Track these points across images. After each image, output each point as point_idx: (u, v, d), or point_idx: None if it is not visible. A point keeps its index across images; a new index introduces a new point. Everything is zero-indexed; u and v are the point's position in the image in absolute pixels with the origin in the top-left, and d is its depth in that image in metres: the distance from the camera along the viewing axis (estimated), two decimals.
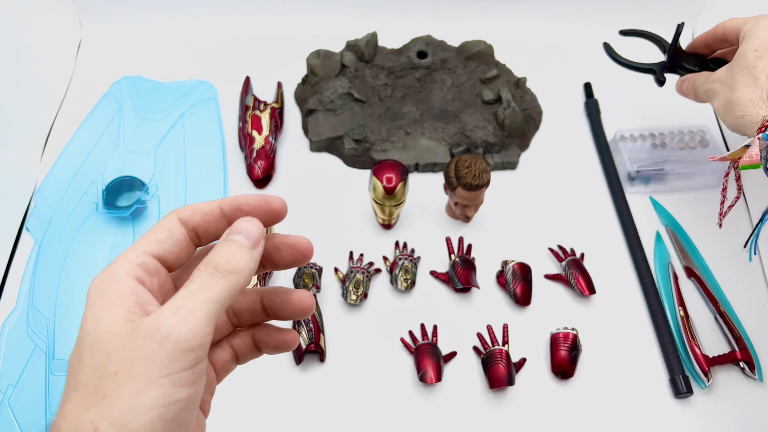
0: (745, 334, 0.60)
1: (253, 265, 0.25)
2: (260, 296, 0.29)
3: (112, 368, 0.22)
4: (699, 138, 0.72)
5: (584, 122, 0.77)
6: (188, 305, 0.23)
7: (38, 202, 0.66)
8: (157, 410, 0.22)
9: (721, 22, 0.56)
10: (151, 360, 0.22)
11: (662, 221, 0.69)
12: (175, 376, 0.22)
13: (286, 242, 0.28)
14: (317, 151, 0.73)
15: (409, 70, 0.76)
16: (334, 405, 0.56)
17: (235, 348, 0.29)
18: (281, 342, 0.29)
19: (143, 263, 0.25)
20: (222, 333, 0.29)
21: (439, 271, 0.64)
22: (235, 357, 0.30)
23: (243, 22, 0.83)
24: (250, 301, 0.29)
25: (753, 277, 0.65)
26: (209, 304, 0.23)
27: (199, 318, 0.23)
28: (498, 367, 0.56)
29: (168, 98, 0.75)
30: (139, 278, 0.24)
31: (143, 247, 0.25)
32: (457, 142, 0.71)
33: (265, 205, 0.27)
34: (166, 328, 0.22)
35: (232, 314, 0.29)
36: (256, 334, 0.29)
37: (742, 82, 0.49)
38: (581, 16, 0.84)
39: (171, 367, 0.22)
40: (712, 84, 0.54)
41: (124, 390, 0.22)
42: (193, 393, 0.23)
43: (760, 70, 0.49)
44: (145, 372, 0.22)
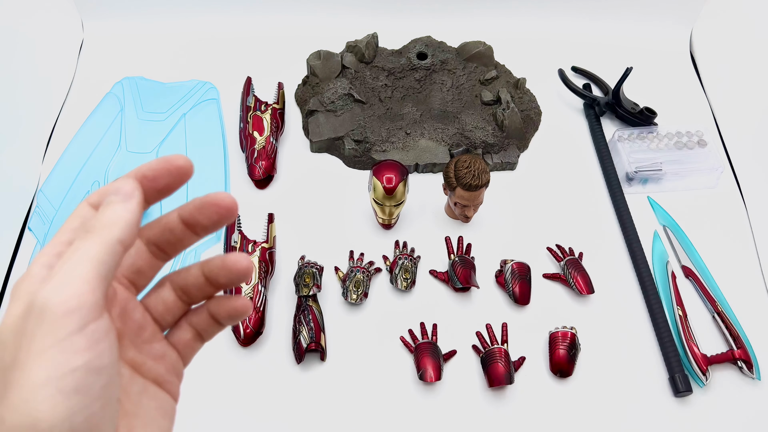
0: (742, 333, 0.60)
1: (127, 215, 0.24)
2: (201, 269, 0.28)
3: (9, 358, 0.21)
4: (697, 138, 0.73)
5: (583, 123, 0.77)
6: (62, 270, 0.22)
7: (40, 201, 0.67)
8: (53, 383, 0.20)
9: None
10: (34, 335, 0.21)
11: (660, 221, 0.69)
12: (63, 343, 0.21)
13: (206, 201, 0.26)
14: (318, 151, 0.73)
15: (408, 71, 0.76)
16: (335, 403, 0.56)
17: (194, 326, 0.29)
18: (232, 309, 0.28)
19: (59, 253, 0.24)
20: (175, 312, 0.29)
21: (438, 270, 0.64)
22: (197, 335, 0.29)
23: (244, 23, 0.84)
24: (193, 275, 0.28)
25: (750, 277, 0.65)
26: (85, 264, 0.22)
27: (75, 279, 0.21)
28: (497, 366, 0.56)
29: (170, 98, 0.75)
30: (54, 267, 0.23)
31: (60, 238, 0.25)
32: (457, 142, 0.71)
33: (168, 164, 0.26)
34: (42, 298, 0.21)
35: (181, 292, 0.29)
36: (209, 308, 0.29)
37: None
38: (581, 16, 0.85)
39: (55, 336, 0.21)
40: None
41: (18, 373, 0.21)
42: (93, 357, 0.21)
43: None
44: (31, 348, 0.21)
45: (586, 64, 0.82)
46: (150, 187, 0.25)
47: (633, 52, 0.84)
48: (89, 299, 0.22)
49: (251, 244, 0.61)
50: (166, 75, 0.78)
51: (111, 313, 0.25)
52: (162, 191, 0.26)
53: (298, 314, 0.59)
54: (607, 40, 0.85)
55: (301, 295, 0.60)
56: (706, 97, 0.80)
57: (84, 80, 0.78)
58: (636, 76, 0.74)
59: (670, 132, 0.73)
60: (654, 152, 0.72)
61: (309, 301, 0.59)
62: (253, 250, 0.61)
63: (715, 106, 0.79)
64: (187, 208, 0.26)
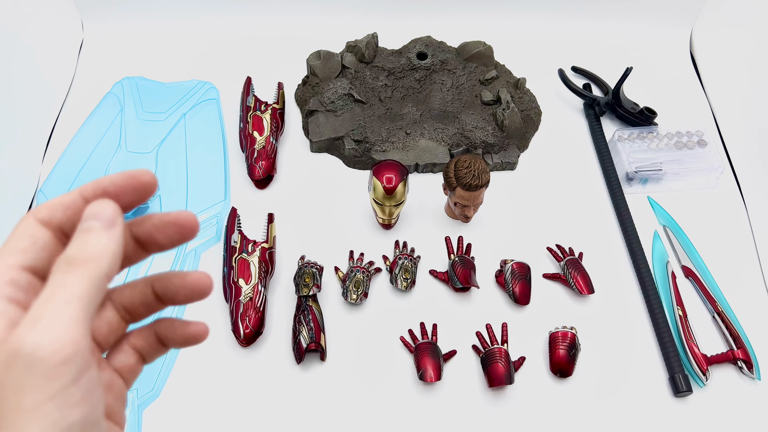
0: (743, 333, 0.60)
1: (113, 246, 0.21)
2: (150, 285, 0.25)
3: None
4: (697, 138, 0.73)
5: (583, 123, 0.77)
6: (46, 313, 0.19)
7: (40, 202, 0.67)
8: None
9: None
10: (23, 389, 0.18)
11: (660, 221, 0.69)
12: (59, 398, 0.19)
13: (167, 220, 0.24)
14: (318, 151, 0.73)
15: (408, 71, 0.76)
16: (335, 403, 0.56)
17: (138, 348, 0.26)
18: (189, 336, 0.26)
19: (12, 279, 0.21)
20: (117, 334, 0.26)
21: (438, 270, 0.64)
22: (140, 358, 0.26)
23: (244, 23, 0.83)
24: (141, 292, 0.26)
25: (750, 277, 0.65)
26: (72, 304, 0.19)
27: (64, 323, 0.19)
28: (497, 366, 0.56)
29: (169, 98, 0.75)
30: (11, 298, 0.21)
31: (7, 261, 0.22)
32: (457, 142, 0.71)
33: (133, 180, 0.23)
34: (29, 346, 0.19)
35: (124, 311, 0.26)
36: (158, 330, 0.26)
37: None
38: (581, 16, 0.85)
39: (49, 389, 0.19)
40: None
41: (8, 431, 0.18)
42: (88, 411, 0.20)
43: None
44: (20, 405, 0.18)
45: (586, 64, 0.82)
46: None
47: (633, 52, 0.84)
48: (84, 346, 0.19)
49: (251, 244, 0.61)
50: (166, 75, 0.78)
51: None
52: (123, 208, 0.23)
53: (298, 314, 0.59)
54: (607, 40, 0.85)
55: (301, 295, 0.60)
56: (706, 96, 0.80)
57: (84, 80, 0.78)
58: (636, 76, 0.74)
59: (670, 132, 0.73)
60: (654, 152, 0.72)
61: (309, 301, 0.59)
62: (253, 250, 0.61)
63: (715, 106, 0.79)
64: (144, 226, 0.24)
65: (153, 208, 0.66)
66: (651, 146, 0.72)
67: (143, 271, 0.61)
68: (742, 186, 0.72)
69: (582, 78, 0.81)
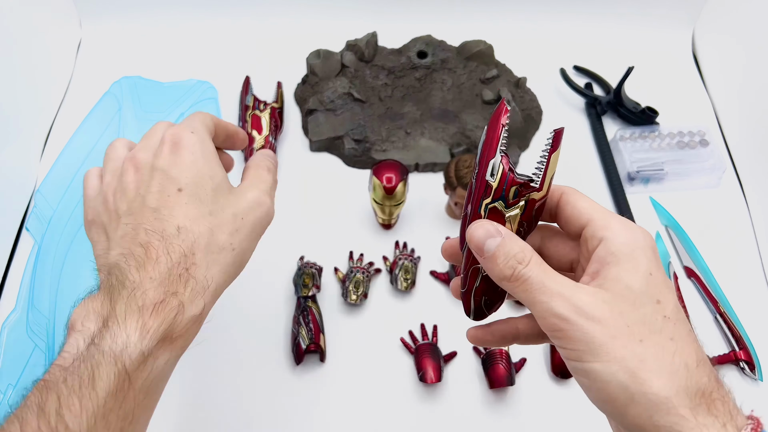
0: (745, 334, 0.60)
1: (275, 176, 0.43)
2: None
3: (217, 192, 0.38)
4: (699, 138, 0.72)
5: (584, 122, 0.77)
6: (260, 186, 0.40)
7: (38, 202, 0.66)
8: (268, 192, 0.41)
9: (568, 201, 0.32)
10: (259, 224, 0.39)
11: (662, 221, 0.69)
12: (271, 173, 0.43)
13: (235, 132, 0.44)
14: (317, 151, 0.73)
15: (409, 70, 0.76)
16: (334, 405, 0.56)
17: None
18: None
19: (210, 132, 0.40)
20: None
21: (439, 271, 0.64)
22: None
23: (243, 23, 0.83)
24: None
25: (753, 277, 0.65)
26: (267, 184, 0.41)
27: (266, 191, 0.40)
28: (498, 367, 0.56)
29: (168, 98, 0.75)
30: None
31: (208, 123, 0.40)
32: (457, 142, 0.71)
33: (239, 134, 0.45)
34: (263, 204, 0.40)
35: None
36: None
37: (659, 363, 0.26)
38: (581, 16, 0.84)
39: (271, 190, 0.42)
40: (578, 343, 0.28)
41: (239, 192, 0.39)
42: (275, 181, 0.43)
43: (683, 340, 0.27)
44: (248, 177, 0.41)
45: (587, 64, 0.81)
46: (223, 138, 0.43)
47: (635, 52, 0.84)
48: (271, 203, 0.41)
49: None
50: (165, 74, 0.78)
51: None
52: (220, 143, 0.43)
53: (298, 315, 0.58)
54: (609, 39, 0.85)
55: (301, 295, 0.59)
56: (709, 96, 0.80)
57: (82, 79, 0.78)
58: (638, 76, 0.74)
59: (672, 131, 0.73)
60: (656, 152, 0.71)
61: (308, 302, 0.59)
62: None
63: (717, 105, 0.79)
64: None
65: None
66: (653, 146, 0.72)
67: None
68: (744, 186, 0.72)
69: (583, 77, 0.81)
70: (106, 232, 0.37)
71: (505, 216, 0.30)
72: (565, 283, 0.28)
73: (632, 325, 0.27)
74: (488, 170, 0.30)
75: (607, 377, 0.26)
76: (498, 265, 0.29)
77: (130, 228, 0.35)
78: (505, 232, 0.30)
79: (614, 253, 0.28)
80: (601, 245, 0.28)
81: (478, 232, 0.30)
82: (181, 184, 0.36)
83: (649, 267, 0.28)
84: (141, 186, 0.37)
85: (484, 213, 0.31)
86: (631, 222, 0.29)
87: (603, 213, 0.30)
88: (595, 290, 0.27)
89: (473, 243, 0.30)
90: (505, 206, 0.30)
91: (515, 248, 0.29)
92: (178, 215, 0.35)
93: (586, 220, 0.30)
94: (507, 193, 0.30)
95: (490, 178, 0.30)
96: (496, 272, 0.29)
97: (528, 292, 0.28)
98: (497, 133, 0.30)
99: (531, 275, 0.28)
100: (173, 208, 0.35)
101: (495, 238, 0.29)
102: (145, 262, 0.33)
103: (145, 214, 0.35)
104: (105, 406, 0.29)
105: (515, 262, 0.28)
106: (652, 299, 0.27)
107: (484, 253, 0.29)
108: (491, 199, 0.30)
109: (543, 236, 0.34)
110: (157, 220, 0.35)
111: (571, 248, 0.32)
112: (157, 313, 0.32)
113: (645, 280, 0.27)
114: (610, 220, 0.29)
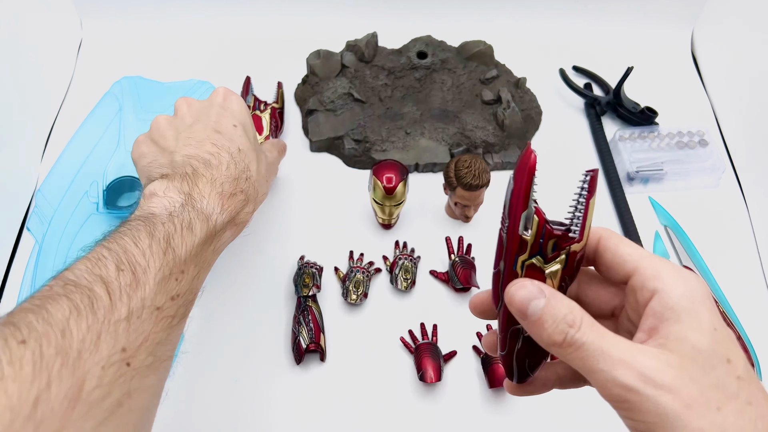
0: (744, 334, 0.60)
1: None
2: None
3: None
4: (698, 138, 0.72)
5: (584, 122, 0.77)
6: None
7: (39, 201, 0.66)
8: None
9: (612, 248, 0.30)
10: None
11: (661, 221, 0.69)
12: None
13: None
14: (317, 151, 0.73)
15: (409, 70, 0.76)
16: (334, 405, 0.56)
17: None
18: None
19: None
20: None
21: (438, 270, 0.64)
22: None
23: (243, 23, 0.83)
24: None
25: (752, 277, 0.65)
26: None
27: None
28: (498, 367, 0.56)
29: (168, 98, 0.75)
30: None
31: None
32: (457, 142, 0.71)
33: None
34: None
35: None
36: None
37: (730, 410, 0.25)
38: (581, 16, 0.84)
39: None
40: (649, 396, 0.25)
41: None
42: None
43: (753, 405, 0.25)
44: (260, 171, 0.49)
45: (586, 64, 0.81)
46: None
47: (634, 52, 0.84)
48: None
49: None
50: (167, 74, 0.78)
51: None
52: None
53: (298, 315, 0.58)
54: (608, 39, 0.85)
55: (301, 295, 0.59)
56: (708, 96, 0.80)
57: (83, 79, 0.78)
58: (637, 76, 0.74)
59: (671, 131, 0.73)
60: (655, 152, 0.72)
61: (308, 302, 0.59)
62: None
63: (716, 106, 0.79)
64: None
65: None
66: (652, 146, 0.72)
67: None
68: (743, 186, 0.72)
69: (583, 77, 0.81)
70: (161, 145, 0.46)
71: (545, 272, 0.28)
72: (624, 346, 0.25)
73: (706, 391, 0.24)
74: (521, 224, 0.28)
75: None
76: (546, 330, 0.26)
77: (194, 141, 0.45)
78: (549, 292, 0.27)
79: (672, 307, 0.25)
80: (655, 298, 0.26)
81: (519, 294, 0.27)
82: (236, 122, 0.48)
83: (712, 321, 0.25)
84: (200, 114, 0.48)
85: (521, 271, 0.28)
86: (682, 268, 0.27)
87: (651, 260, 0.27)
88: (659, 352, 0.25)
89: (515, 306, 0.27)
90: (544, 262, 0.28)
91: (563, 309, 0.26)
92: (237, 141, 0.46)
93: (632, 269, 0.27)
94: (545, 248, 0.27)
95: (524, 233, 0.28)
96: (545, 338, 0.26)
97: (584, 360, 0.25)
98: (526, 182, 0.27)
99: (586, 340, 0.25)
100: (233, 135, 0.46)
101: (539, 299, 0.26)
102: (213, 165, 0.43)
103: (207, 132, 0.45)
104: (196, 248, 0.38)
105: (566, 326, 0.26)
106: (722, 359, 0.24)
107: (528, 317, 0.27)
108: (528, 255, 0.28)
109: (580, 282, 0.31)
110: (222, 139, 0.45)
111: (613, 295, 0.30)
112: (231, 200, 0.42)
113: (711, 338, 0.24)
114: (660, 268, 0.26)
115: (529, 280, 0.27)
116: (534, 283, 0.27)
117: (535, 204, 0.28)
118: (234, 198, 0.43)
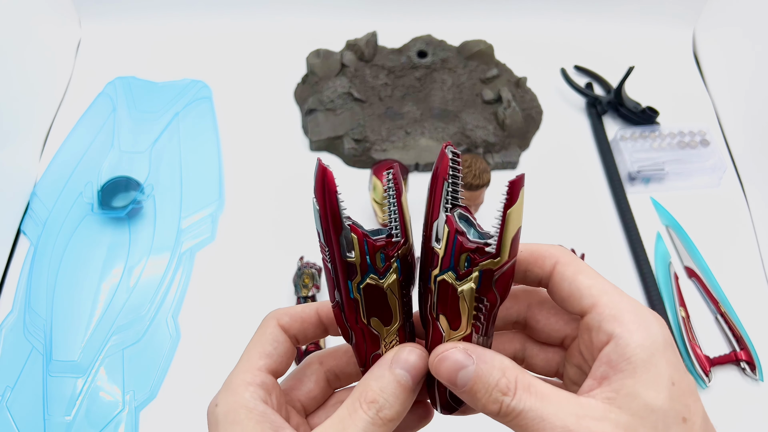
0: (745, 334, 0.60)
1: (408, 401, 0.24)
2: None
3: None
4: (699, 138, 0.72)
5: (585, 122, 0.77)
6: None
7: (33, 203, 0.66)
8: None
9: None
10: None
11: (663, 221, 0.69)
12: None
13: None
14: (317, 150, 0.72)
15: (409, 69, 0.75)
16: None
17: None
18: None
19: (263, 383, 0.25)
20: (320, 401, 0.29)
21: None
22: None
23: (244, 22, 0.83)
24: (347, 361, 0.30)
25: (753, 277, 0.65)
26: None
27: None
28: None
29: (162, 98, 0.74)
30: (264, 400, 0.25)
31: (256, 364, 0.26)
32: (458, 141, 0.71)
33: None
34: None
35: (334, 378, 0.30)
36: None
37: None
38: (582, 16, 0.84)
39: None
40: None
41: None
42: None
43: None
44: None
45: (588, 63, 0.81)
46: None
47: (635, 51, 0.84)
48: None
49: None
50: (167, 74, 0.77)
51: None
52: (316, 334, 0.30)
53: None
54: (610, 39, 0.85)
55: (301, 295, 0.59)
56: (709, 95, 0.80)
57: (81, 79, 0.77)
58: (638, 75, 0.74)
59: (672, 131, 0.73)
60: (656, 151, 0.71)
61: (308, 302, 0.58)
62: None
63: (718, 105, 0.79)
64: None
65: (147, 207, 0.65)
66: (653, 146, 0.72)
67: (138, 273, 0.60)
68: (744, 186, 0.72)
69: (584, 77, 0.80)
70: None
71: (458, 290, 0.24)
72: (567, 409, 0.22)
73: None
74: (433, 234, 0.25)
75: None
76: (479, 400, 0.23)
77: None
78: (477, 355, 0.23)
79: (629, 359, 0.22)
80: (611, 344, 0.23)
81: (444, 366, 0.24)
82: None
83: (670, 376, 0.22)
84: None
85: (435, 286, 0.24)
86: (644, 308, 0.24)
87: (611, 297, 0.24)
88: (606, 410, 0.22)
89: (443, 379, 0.24)
90: (456, 278, 0.24)
91: (495, 374, 0.23)
92: None
93: (589, 304, 0.24)
94: (456, 262, 0.23)
95: (435, 245, 0.24)
96: (479, 408, 0.24)
97: (525, 428, 0.22)
98: (438, 186, 0.24)
99: (523, 407, 0.22)
100: None
101: (466, 368, 0.23)
102: None
103: None
104: None
105: (499, 394, 0.23)
106: (677, 418, 0.23)
107: (459, 388, 0.24)
108: (439, 270, 0.24)
109: (530, 304, 0.28)
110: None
111: (565, 323, 0.27)
112: None
113: (668, 394, 0.22)
114: (620, 309, 0.23)
115: (452, 344, 0.24)
116: (458, 347, 0.24)
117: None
118: None
